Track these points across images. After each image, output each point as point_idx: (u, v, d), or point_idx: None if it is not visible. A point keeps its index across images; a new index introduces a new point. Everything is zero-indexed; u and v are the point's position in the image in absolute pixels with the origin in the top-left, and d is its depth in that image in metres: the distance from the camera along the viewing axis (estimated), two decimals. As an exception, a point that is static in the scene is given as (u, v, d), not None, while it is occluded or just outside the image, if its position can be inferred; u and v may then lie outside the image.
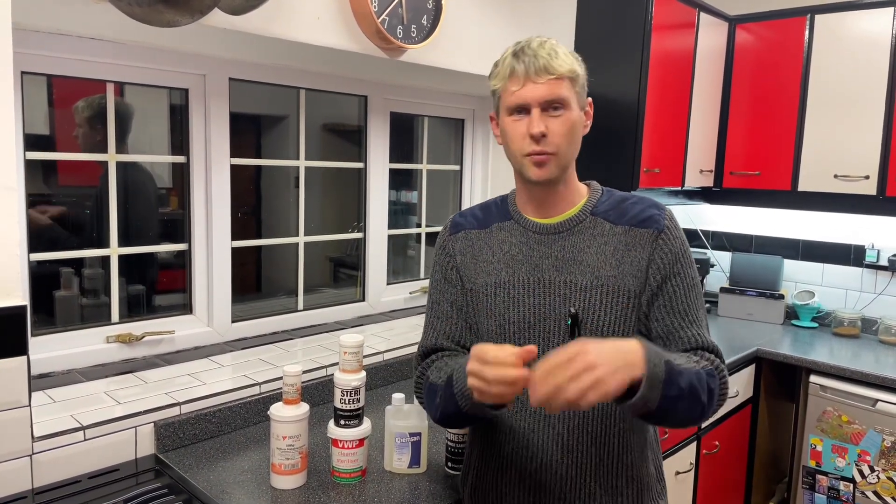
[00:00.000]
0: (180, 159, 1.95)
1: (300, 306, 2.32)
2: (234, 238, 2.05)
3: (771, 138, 2.96)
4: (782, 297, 3.13)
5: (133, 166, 1.89)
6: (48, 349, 1.70)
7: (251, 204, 2.61)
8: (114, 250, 1.83)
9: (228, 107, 1.98)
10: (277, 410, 1.40)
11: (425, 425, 1.51)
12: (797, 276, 3.24)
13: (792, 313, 3.18)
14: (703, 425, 2.50)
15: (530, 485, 1.23)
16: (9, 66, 1.25)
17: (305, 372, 1.84)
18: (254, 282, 2.56)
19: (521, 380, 1.00)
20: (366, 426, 1.46)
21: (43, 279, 1.75)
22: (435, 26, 1.95)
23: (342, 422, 1.44)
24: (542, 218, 1.26)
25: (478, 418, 1.20)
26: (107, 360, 1.79)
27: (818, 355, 2.65)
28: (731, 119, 3.07)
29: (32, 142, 1.68)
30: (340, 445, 1.43)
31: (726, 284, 3.28)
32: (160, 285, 2.03)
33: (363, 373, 1.45)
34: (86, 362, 1.76)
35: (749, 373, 2.72)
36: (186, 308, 2.01)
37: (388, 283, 2.57)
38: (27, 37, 1.58)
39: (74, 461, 1.43)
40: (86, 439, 1.45)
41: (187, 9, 1.33)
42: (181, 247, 1.98)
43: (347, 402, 1.43)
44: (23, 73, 1.61)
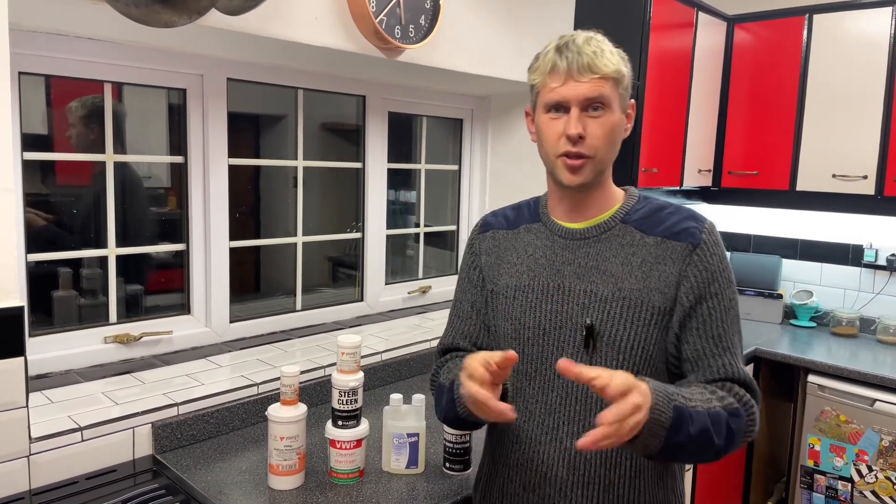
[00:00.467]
0: (178, 159, 1.95)
1: (298, 306, 2.32)
2: (232, 238, 2.05)
3: (769, 138, 2.96)
4: (780, 296, 3.13)
5: (120, 168, 1.88)
6: (46, 350, 1.70)
7: (249, 204, 2.61)
8: (111, 250, 1.83)
9: (226, 107, 1.98)
10: (275, 411, 1.40)
11: (423, 426, 1.51)
12: (795, 276, 3.24)
13: (790, 313, 3.18)
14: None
15: (534, 500, 1.19)
16: (6, 66, 1.25)
17: (303, 372, 1.84)
18: (252, 282, 2.56)
19: (486, 404, 0.98)
20: (363, 427, 1.46)
21: (41, 279, 1.75)
22: (433, 26, 1.95)
23: (340, 422, 1.44)
24: (571, 222, 1.21)
25: (480, 423, 1.19)
26: (104, 361, 1.79)
27: (816, 355, 2.65)
28: (729, 119, 3.07)
29: (30, 142, 1.67)
30: (338, 446, 1.43)
31: (725, 284, 3.27)
32: (158, 285, 2.03)
33: (361, 373, 1.45)
34: (83, 363, 1.76)
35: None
36: (184, 308, 2.00)
37: (386, 283, 2.57)
38: (25, 37, 1.57)
39: (72, 462, 1.43)
40: (83, 440, 1.44)
41: (184, 9, 1.33)
42: (179, 247, 1.98)
43: (345, 402, 1.43)
44: (20, 73, 1.61)
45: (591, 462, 1.14)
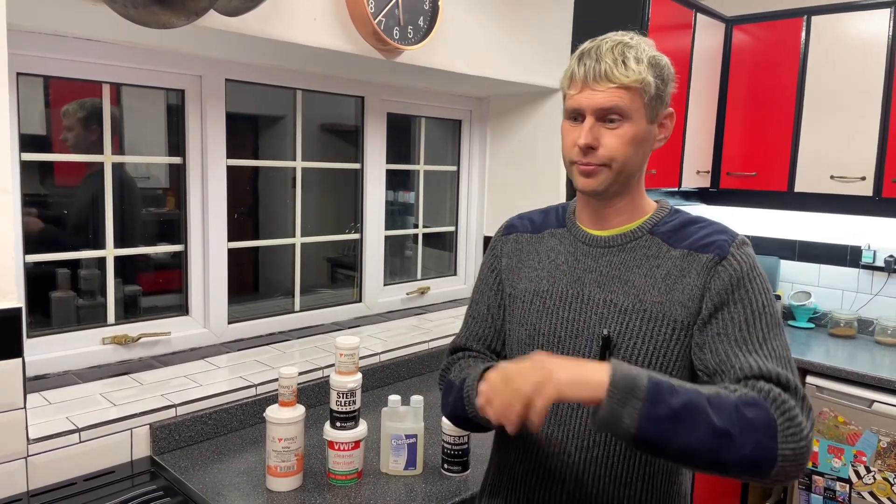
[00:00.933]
0: (177, 160, 1.95)
1: (297, 307, 2.32)
2: (230, 239, 2.05)
3: (767, 139, 2.96)
4: (779, 297, 3.13)
5: (116, 170, 1.88)
6: (44, 351, 1.70)
7: (248, 205, 2.61)
8: (110, 251, 1.83)
9: (225, 108, 1.98)
10: (273, 412, 1.40)
11: (421, 427, 1.51)
12: (794, 277, 3.24)
13: (788, 314, 3.18)
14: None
15: None
16: (4, 67, 1.25)
17: (301, 373, 1.84)
18: (251, 283, 2.56)
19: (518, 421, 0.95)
20: (362, 428, 1.46)
21: (39, 280, 1.75)
22: (432, 27, 1.95)
23: (338, 424, 1.43)
24: (597, 230, 1.17)
25: (489, 427, 1.18)
26: (103, 362, 1.79)
27: (814, 356, 2.65)
28: (727, 120, 3.07)
29: (28, 142, 1.67)
30: (336, 447, 1.43)
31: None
32: (156, 286, 2.03)
33: (359, 375, 1.45)
34: (81, 364, 1.76)
35: (746, 373, 2.72)
36: (182, 309, 2.00)
37: (385, 284, 2.57)
38: (23, 38, 1.57)
39: (70, 463, 1.43)
40: (81, 441, 1.44)
41: (182, 10, 1.32)
42: (177, 248, 1.98)
43: (343, 404, 1.43)
44: (18, 74, 1.61)
45: (600, 479, 1.11)
